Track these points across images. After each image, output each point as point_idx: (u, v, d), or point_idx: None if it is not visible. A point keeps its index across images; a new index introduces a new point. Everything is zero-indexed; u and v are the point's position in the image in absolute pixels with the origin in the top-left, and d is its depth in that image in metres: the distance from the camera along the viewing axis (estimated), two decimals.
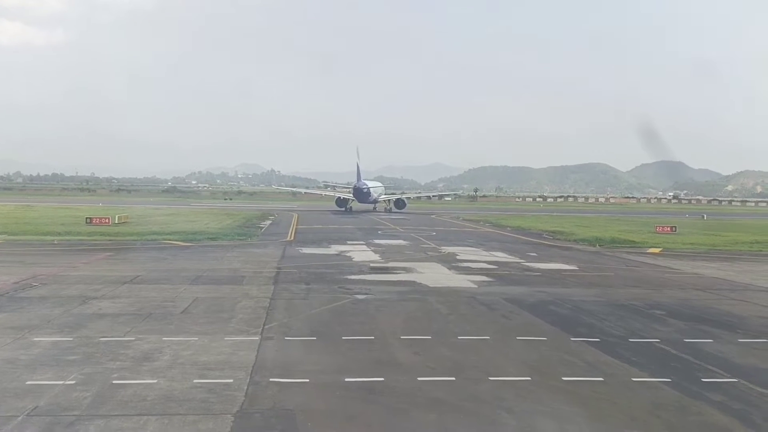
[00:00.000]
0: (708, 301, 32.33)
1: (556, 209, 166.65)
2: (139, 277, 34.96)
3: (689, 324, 26.31)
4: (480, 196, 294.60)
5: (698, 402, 16.50)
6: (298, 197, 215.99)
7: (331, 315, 26.52)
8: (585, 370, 19.12)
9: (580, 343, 22.42)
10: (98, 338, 21.32)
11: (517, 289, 34.16)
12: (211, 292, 30.99)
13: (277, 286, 33.14)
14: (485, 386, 17.34)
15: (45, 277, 34.08)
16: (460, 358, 20.18)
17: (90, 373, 17.49)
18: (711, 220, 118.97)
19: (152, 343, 20.77)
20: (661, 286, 37.02)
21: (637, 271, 44.08)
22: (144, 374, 17.52)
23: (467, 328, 24.53)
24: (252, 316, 25.45)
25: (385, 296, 31.24)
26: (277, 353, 20.20)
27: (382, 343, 21.79)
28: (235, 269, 39.36)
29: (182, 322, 24.33)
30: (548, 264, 46.31)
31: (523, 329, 24.68)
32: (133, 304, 27.56)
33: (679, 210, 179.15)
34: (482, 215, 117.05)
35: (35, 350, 19.73)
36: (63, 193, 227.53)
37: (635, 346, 22.19)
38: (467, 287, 34.66)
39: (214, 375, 17.59)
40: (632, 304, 30.51)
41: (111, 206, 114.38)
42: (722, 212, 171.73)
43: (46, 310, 25.62)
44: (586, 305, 29.84)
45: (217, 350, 20.17)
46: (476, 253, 52.56)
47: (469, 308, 28.74)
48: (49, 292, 29.82)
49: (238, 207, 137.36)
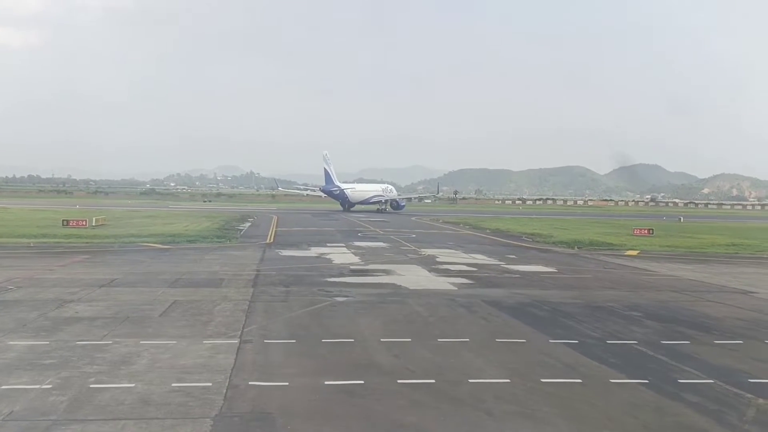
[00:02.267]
0: (684, 302, 32.68)
1: (535, 212, 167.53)
2: (116, 280, 34.63)
3: (666, 326, 26.59)
4: (460, 198, 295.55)
5: (675, 403, 16.68)
6: (277, 199, 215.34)
7: (310, 318, 26.44)
8: (564, 372, 19.25)
9: (559, 345, 22.56)
10: (75, 342, 21.08)
11: (497, 292, 34.31)
12: (189, 295, 30.75)
13: (256, 289, 32.98)
14: (465, 388, 17.39)
15: (20, 280, 33.64)
16: (440, 360, 20.22)
17: (67, 377, 17.30)
18: (688, 222, 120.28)
19: (130, 347, 20.57)
20: (638, 288, 37.38)
21: (614, 273, 44.46)
22: (121, 378, 17.35)
23: (447, 331, 24.59)
24: (231, 319, 25.30)
25: (365, 299, 31.21)
26: (256, 356, 20.11)
27: (362, 346, 21.78)
28: (213, 272, 39.12)
29: (160, 325, 24.13)
30: (527, 266, 46.56)
31: (503, 331, 24.81)
32: (110, 307, 27.25)
33: (656, 213, 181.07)
34: (462, 217, 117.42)
35: (10, 354, 19.47)
36: (39, 195, 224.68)
37: (613, 348, 22.37)
38: (447, 289, 34.75)
39: (193, 378, 17.46)
40: (610, 306, 30.77)
41: (88, 208, 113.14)
42: (699, 215, 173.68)
43: (21, 314, 25.26)
44: (564, 307, 30.04)
45: (195, 353, 20.03)
46: (456, 256, 52.71)
47: (448, 310, 28.81)
48: (25, 296, 29.42)
49: (217, 209, 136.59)
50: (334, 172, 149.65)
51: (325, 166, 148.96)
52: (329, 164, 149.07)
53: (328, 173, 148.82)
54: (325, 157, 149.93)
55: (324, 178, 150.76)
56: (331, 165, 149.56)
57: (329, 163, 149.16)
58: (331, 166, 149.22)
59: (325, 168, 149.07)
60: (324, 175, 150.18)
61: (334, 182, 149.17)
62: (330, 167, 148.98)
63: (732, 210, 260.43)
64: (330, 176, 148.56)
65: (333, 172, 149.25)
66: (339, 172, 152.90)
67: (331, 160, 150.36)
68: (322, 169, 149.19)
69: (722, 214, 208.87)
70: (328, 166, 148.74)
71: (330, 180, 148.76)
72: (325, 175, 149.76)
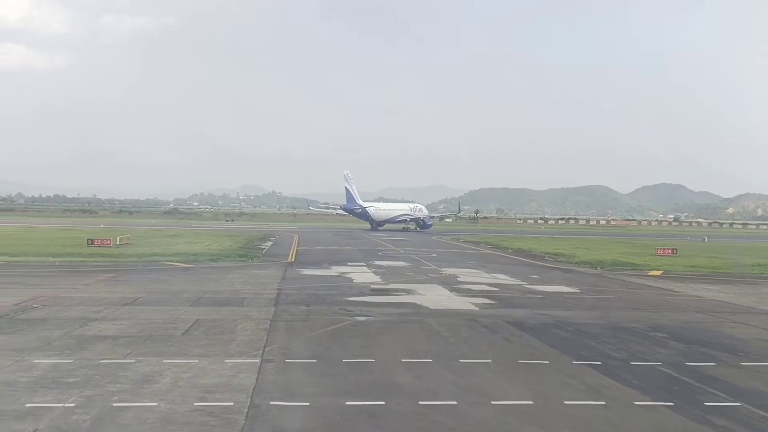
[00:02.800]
0: (710, 323, 32.21)
1: (557, 231, 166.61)
2: (139, 299, 34.92)
3: (691, 347, 26.20)
4: (481, 217, 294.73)
5: (702, 426, 16.40)
6: (298, 218, 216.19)
7: (331, 337, 26.44)
8: (587, 394, 19.03)
9: (582, 366, 22.32)
10: (98, 360, 21.25)
11: (519, 312, 34.07)
12: (211, 313, 30.91)
13: (278, 308, 33.07)
14: (487, 410, 17.25)
15: (45, 299, 34.03)
16: (462, 381, 20.10)
17: (90, 395, 17.43)
18: (712, 242, 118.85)
19: (152, 366, 20.69)
20: (662, 308, 36.93)
21: (638, 293, 43.98)
22: (144, 397, 17.45)
23: (469, 351, 24.43)
24: (252, 338, 25.38)
25: (386, 318, 31.16)
26: (277, 376, 20.13)
27: (383, 366, 21.70)
28: (235, 291, 39.30)
29: (183, 344, 24.27)
30: (550, 286, 46.23)
31: (525, 352, 24.59)
32: (133, 326, 27.47)
33: (680, 232, 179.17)
34: (483, 237, 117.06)
35: (35, 372, 19.66)
36: (65, 214, 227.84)
37: (637, 369, 22.09)
38: (468, 309, 34.58)
39: (215, 398, 17.51)
40: (634, 326, 30.41)
41: (112, 228, 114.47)
42: (723, 235, 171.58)
43: (46, 332, 25.54)
44: (587, 328, 29.75)
45: (217, 373, 20.10)
46: (477, 275, 52.48)
47: (470, 331, 28.64)
48: (50, 314, 29.75)
49: (239, 228, 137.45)
50: (356, 190, 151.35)
51: (346, 185, 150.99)
52: (350, 183, 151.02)
53: (350, 192, 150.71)
54: (346, 177, 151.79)
55: (345, 197, 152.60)
56: (353, 184, 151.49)
57: (350, 182, 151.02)
58: (352, 185, 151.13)
59: (346, 187, 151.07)
60: (345, 194, 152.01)
61: (357, 201, 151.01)
62: (351, 186, 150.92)
63: (757, 230, 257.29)
64: (352, 195, 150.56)
65: (355, 191, 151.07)
66: (359, 192, 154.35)
67: (352, 179, 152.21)
68: (344, 188, 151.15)
69: (747, 234, 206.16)
70: (349, 185, 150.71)
71: (352, 199, 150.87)
72: (346, 194, 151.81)
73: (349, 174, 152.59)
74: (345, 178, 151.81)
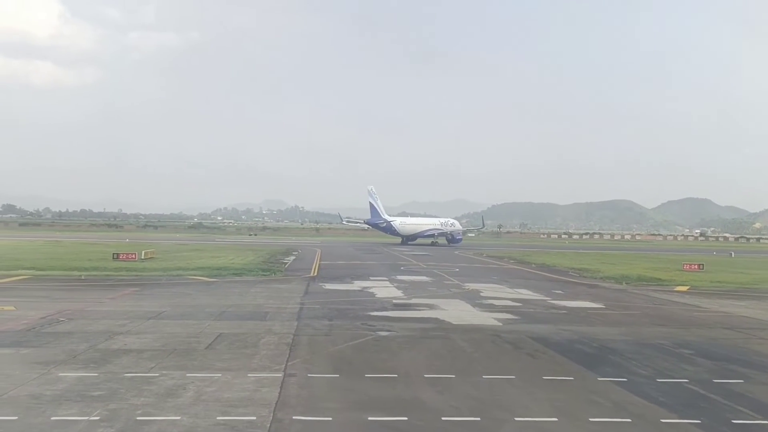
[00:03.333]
0: (737, 340, 31.70)
1: (581, 246, 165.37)
2: (164, 313, 35.18)
3: (718, 364, 25.78)
4: (504, 232, 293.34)
5: None
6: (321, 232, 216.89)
7: (353, 352, 26.42)
8: (612, 411, 18.78)
9: (607, 383, 22.06)
10: (123, 374, 21.43)
11: (543, 328, 33.80)
12: (234, 327, 31.04)
13: (300, 322, 33.12)
14: (511, 427, 17.11)
15: (71, 312, 34.41)
16: (485, 397, 19.95)
17: (114, 408, 17.56)
18: (739, 257, 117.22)
19: (176, 379, 20.83)
20: (688, 324, 36.41)
21: (664, 309, 43.41)
22: (168, 411, 17.54)
23: (492, 367, 24.27)
24: (275, 353, 25.45)
25: (408, 333, 31.07)
26: (300, 390, 20.13)
27: (406, 381, 21.62)
28: (258, 305, 39.48)
29: (206, 358, 24.40)
30: (574, 302, 45.81)
31: (549, 368, 24.36)
32: (157, 339, 27.70)
33: (706, 248, 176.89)
34: (506, 251, 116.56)
35: (61, 385, 19.87)
36: (91, 228, 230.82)
37: (663, 386, 21.78)
38: (491, 325, 34.37)
39: (238, 412, 17.56)
40: (659, 343, 30.00)
41: (138, 242, 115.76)
42: (750, 250, 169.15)
43: (72, 345, 25.85)
44: (612, 344, 29.40)
45: (240, 387, 20.16)
46: (500, 290, 52.17)
47: (493, 346, 28.46)
48: (76, 328, 30.09)
49: (262, 242, 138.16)
50: (380, 205, 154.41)
51: (370, 200, 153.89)
52: (375, 198, 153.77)
53: (374, 207, 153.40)
54: (370, 192, 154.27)
55: (369, 211, 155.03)
56: (377, 199, 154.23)
57: (375, 197, 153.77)
58: (377, 200, 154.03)
59: (370, 202, 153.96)
60: (369, 208, 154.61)
61: (381, 215, 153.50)
62: (376, 201, 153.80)
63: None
64: (376, 210, 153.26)
65: (380, 205, 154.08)
66: (386, 205, 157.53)
67: (376, 194, 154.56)
68: (366, 202, 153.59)
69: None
70: (373, 200, 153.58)
71: (376, 213, 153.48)
72: (370, 209, 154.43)
73: (373, 189, 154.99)
74: (369, 194, 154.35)
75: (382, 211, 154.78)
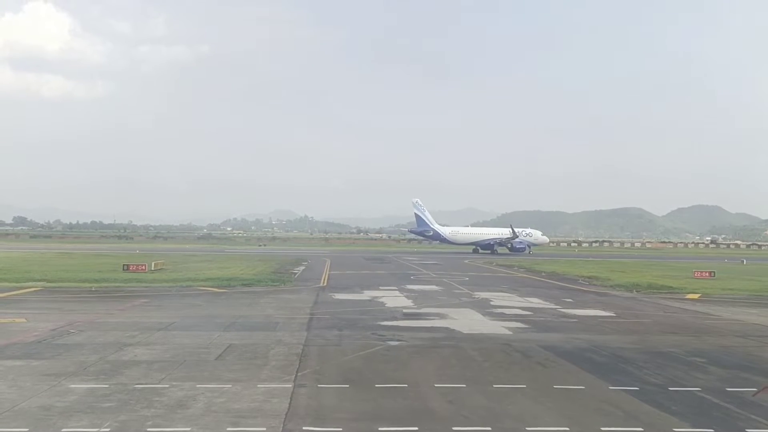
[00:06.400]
0: (750, 348, 31.46)
1: (591, 254, 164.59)
2: (173, 324, 35.24)
3: (731, 372, 25.59)
4: None
5: None
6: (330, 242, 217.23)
7: (363, 362, 26.37)
8: (624, 420, 18.66)
9: (619, 392, 21.93)
10: (133, 385, 21.46)
11: (554, 336, 33.66)
12: (244, 338, 31.06)
13: (310, 333, 33.10)
14: None
15: (82, 324, 34.52)
16: (496, 406, 19.85)
17: (125, 420, 17.58)
18: (751, 264, 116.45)
19: (186, 390, 20.83)
20: (700, 332, 36.14)
21: (675, 317, 43.13)
22: (178, 422, 17.54)
23: (502, 376, 24.17)
24: (285, 363, 25.43)
25: (419, 343, 30.99)
26: (310, 401, 20.10)
27: (416, 391, 21.55)
28: (268, 315, 39.48)
29: (216, 368, 24.41)
30: (585, 310, 45.60)
31: (560, 377, 24.24)
32: (167, 350, 27.75)
33: (718, 255, 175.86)
34: (516, 260, 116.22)
35: (71, 397, 19.91)
36: (101, 240, 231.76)
37: (675, 395, 21.63)
38: (502, 334, 34.24)
39: (247, 423, 17.54)
40: (671, 351, 29.80)
41: (147, 253, 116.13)
42: (762, 257, 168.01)
43: (82, 357, 25.91)
44: (624, 352, 29.24)
45: (250, 397, 20.15)
46: (511, 299, 52.01)
47: (504, 355, 28.34)
48: (86, 339, 30.17)
49: (271, 252, 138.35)
50: (429, 216, 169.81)
51: (415, 211, 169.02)
52: (422, 210, 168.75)
53: (420, 217, 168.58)
54: (416, 204, 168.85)
55: (416, 221, 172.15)
56: (425, 210, 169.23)
57: (421, 208, 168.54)
58: (424, 211, 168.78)
59: (415, 213, 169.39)
60: (415, 219, 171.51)
61: (431, 225, 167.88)
62: (423, 212, 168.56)
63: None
64: (422, 219, 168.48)
65: (428, 216, 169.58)
66: (394, 215, 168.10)
67: (423, 205, 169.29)
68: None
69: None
70: (420, 211, 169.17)
71: (423, 223, 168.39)
72: (416, 219, 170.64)
73: (419, 201, 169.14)
74: (415, 205, 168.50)
75: (431, 221, 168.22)
